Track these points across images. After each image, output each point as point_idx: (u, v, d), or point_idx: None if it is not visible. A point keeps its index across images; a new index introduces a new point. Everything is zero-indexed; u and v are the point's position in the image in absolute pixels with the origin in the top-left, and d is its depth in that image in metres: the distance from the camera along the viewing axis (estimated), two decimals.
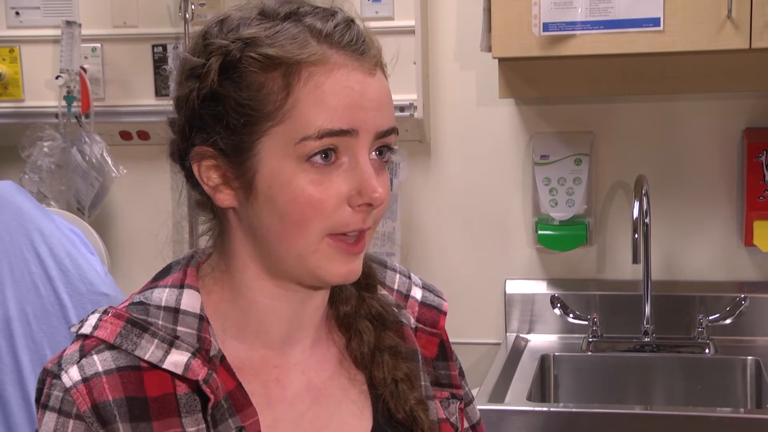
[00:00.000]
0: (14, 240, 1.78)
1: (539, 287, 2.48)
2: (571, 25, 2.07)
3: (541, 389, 2.33)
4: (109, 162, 2.51)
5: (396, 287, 1.15)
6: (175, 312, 0.99)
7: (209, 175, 0.99)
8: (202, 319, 1.00)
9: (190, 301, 1.00)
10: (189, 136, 0.99)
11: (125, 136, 2.61)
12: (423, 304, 1.15)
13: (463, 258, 2.53)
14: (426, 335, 1.14)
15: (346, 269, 0.98)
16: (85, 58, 2.56)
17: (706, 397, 2.28)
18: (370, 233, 1.00)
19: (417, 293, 1.16)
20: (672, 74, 2.24)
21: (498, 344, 2.47)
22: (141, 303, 1.01)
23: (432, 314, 1.15)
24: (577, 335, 2.44)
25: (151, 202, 2.65)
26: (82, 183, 2.51)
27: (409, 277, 1.17)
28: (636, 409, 2.20)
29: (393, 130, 0.99)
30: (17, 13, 2.60)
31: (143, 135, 2.60)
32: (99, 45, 2.57)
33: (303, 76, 0.94)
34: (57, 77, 2.48)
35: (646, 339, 2.35)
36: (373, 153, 0.98)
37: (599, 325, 2.41)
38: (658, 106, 2.41)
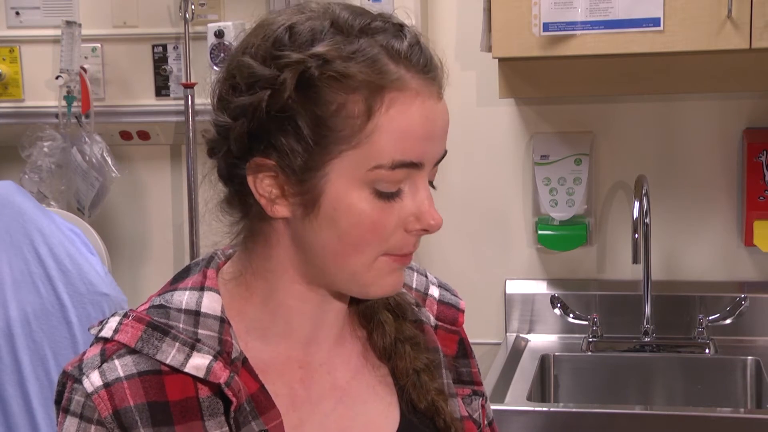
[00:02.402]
0: (14, 240, 1.78)
1: (539, 287, 2.48)
2: (571, 25, 2.07)
3: (541, 389, 2.33)
4: (109, 162, 2.51)
5: (414, 285, 1.15)
6: (195, 315, 0.99)
7: (266, 187, 0.96)
8: (223, 321, 0.99)
9: (210, 303, 1.00)
10: (249, 145, 0.96)
11: (125, 136, 2.61)
12: (441, 302, 1.16)
13: (463, 258, 2.53)
14: (446, 333, 1.15)
15: (394, 281, 1.00)
16: (85, 58, 2.55)
17: (706, 397, 2.28)
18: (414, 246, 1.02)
19: (434, 291, 1.16)
20: (672, 74, 2.24)
21: (498, 344, 2.47)
22: (161, 306, 1.00)
23: (451, 312, 1.16)
24: (577, 335, 2.43)
25: (151, 202, 2.65)
26: (82, 183, 2.51)
27: (426, 276, 1.18)
28: (636, 409, 2.20)
29: (446, 152, 1.01)
30: (17, 13, 2.60)
31: (143, 135, 2.60)
32: (99, 45, 2.57)
33: (385, 101, 0.93)
34: (57, 77, 2.48)
35: (646, 339, 2.35)
36: None
37: (599, 325, 2.40)
38: (658, 106, 2.41)
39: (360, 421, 1.05)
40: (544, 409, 2.12)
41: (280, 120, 0.94)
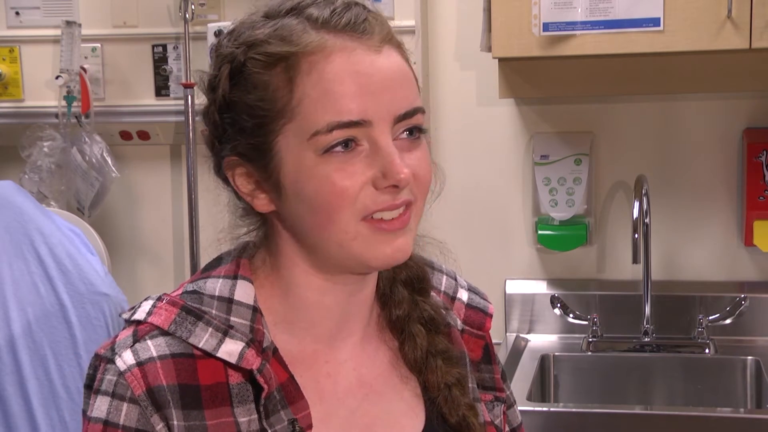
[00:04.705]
0: (14, 240, 1.78)
1: (539, 287, 2.48)
2: (571, 25, 2.07)
3: (541, 389, 2.33)
4: (109, 162, 2.51)
5: (443, 289, 1.16)
6: (228, 302, 1.00)
7: (242, 182, 1.00)
8: (255, 310, 1.00)
9: (243, 292, 1.01)
10: (219, 149, 1.00)
11: (125, 136, 2.61)
12: (469, 306, 1.16)
13: (463, 258, 2.51)
14: (472, 338, 1.15)
15: (390, 249, 0.97)
16: (85, 58, 2.55)
17: (706, 397, 2.28)
18: (417, 208, 0.99)
19: (463, 295, 1.17)
20: (672, 74, 2.24)
21: (498, 344, 2.47)
22: (195, 292, 1.01)
23: (478, 316, 1.16)
24: (577, 335, 2.43)
25: (151, 202, 2.65)
26: (82, 183, 2.51)
27: (456, 279, 1.18)
28: (636, 409, 2.20)
29: (417, 111, 0.97)
30: (17, 13, 2.60)
31: (143, 135, 2.60)
32: (99, 45, 2.57)
33: (304, 68, 0.94)
34: (57, 77, 2.48)
35: (646, 339, 2.35)
36: (404, 133, 0.97)
37: (599, 325, 2.40)
38: (658, 106, 2.41)
39: (385, 419, 1.05)
40: (544, 409, 2.12)
41: (226, 114, 0.98)
